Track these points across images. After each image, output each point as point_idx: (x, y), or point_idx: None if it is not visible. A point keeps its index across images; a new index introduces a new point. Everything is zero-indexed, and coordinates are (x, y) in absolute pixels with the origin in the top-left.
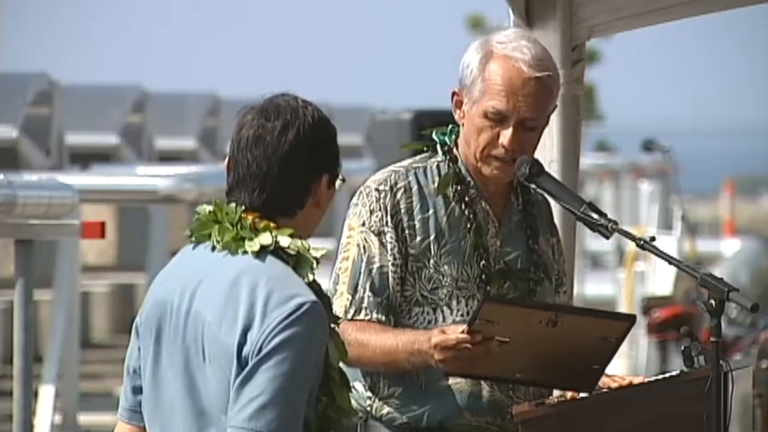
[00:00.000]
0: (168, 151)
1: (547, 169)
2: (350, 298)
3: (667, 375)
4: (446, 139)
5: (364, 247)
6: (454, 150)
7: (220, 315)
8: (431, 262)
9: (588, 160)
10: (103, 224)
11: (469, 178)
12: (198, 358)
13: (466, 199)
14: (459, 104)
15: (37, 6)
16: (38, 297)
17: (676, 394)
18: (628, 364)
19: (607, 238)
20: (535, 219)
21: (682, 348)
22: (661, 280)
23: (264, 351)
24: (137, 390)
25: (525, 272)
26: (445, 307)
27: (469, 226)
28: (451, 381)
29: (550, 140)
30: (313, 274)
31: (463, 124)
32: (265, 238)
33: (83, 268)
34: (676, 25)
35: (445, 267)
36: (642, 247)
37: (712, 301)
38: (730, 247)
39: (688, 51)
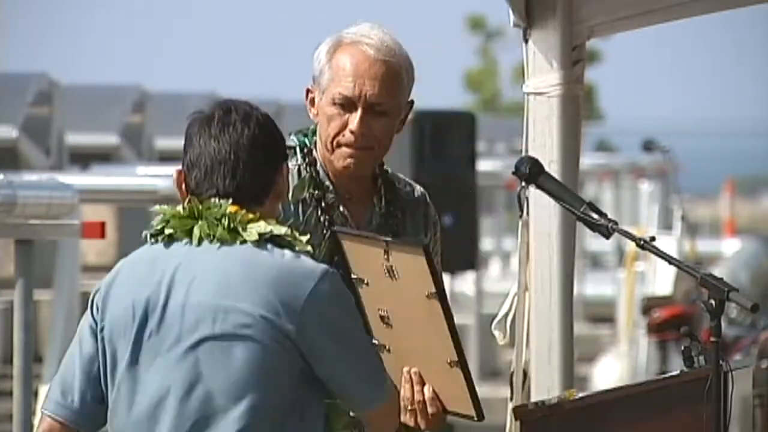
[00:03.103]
0: (168, 151)
1: (547, 169)
2: None
3: (667, 375)
4: (306, 140)
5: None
6: (314, 152)
7: (244, 305)
8: None
9: (588, 160)
10: (103, 224)
11: (327, 182)
12: (208, 347)
13: (323, 204)
14: (312, 101)
15: (37, 6)
16: (38, 297)
17: (676, 394)
18: (628, 364)
19: (607, 238)
20: (402, 221)
21: (682, 348)
22: (661, 280)
23: (321, 327)
24: (96, 398)
25: None
26: None
27: (324, 233)
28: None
29: (550, 140)
30: None
31: (317, 122)
32: (261, 226)
33: (83, 268)
34: (676, 25)
35: None
36: (642, 247)
37: (712, 301)
38: (730, 247)
39: (688, 51)
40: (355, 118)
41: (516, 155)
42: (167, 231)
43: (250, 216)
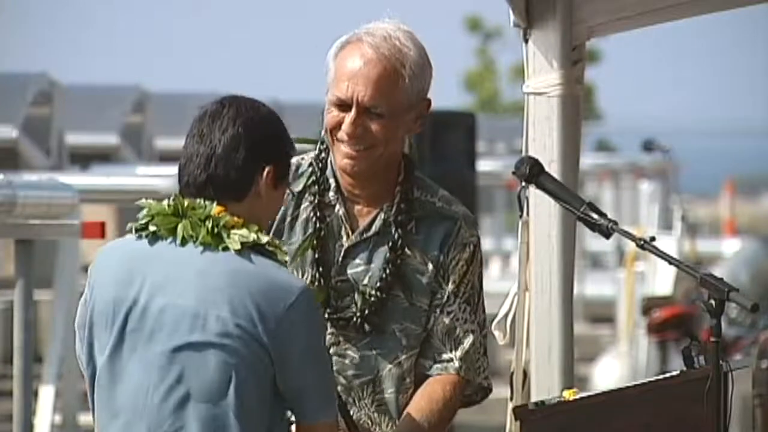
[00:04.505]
0: (168, 151)
1: (547, 169)
2: None
3: (667, 375)
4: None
5: None
6: (331, 149)
7: (220, 312)
8: None
9: (588, 160)
10: (103, 224)
11: (332, 180)
12: (189, 349)
13: (317, 200)
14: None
15: (37, 6)
16: (38, 297)
17: (676, 394)
18: (628, 364)
19: (607, 238)
20: (418, 234)
21: (682, 348)
22: (661, 280)
23: (293, 346)
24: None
25: (370, 287)
26: None
27: (311, 230)
28: None
29: (550, 140)
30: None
31: None
32: (244, 234)
33: (83, 268)
34: (676, 25)
35: None
36: (642, 247)
37: (712, 301)
38: (730, 247)
39: (688, 51)
40: (348, 118)
41: (516, 155)
42: (151, 228)
43: (235, 220)
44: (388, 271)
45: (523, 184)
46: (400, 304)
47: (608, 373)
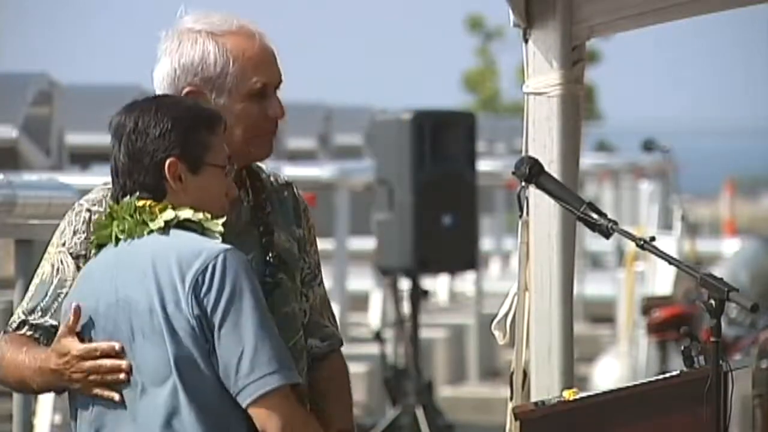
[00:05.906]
0: None
1: (547, 169)
2: (24, 316)
3: (667, 375)
4: None
5: (57, 269)
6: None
7: (149, 292)
8: None
9: (588, 160)
10: None
11: None
12: (133, 340)
13: None
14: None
15: (37, 6)
16: None
17: (676, 394)
18: (628, 364)
19: (607, 238)
20: (274, 213)
21: (682, 348)
22: (661, 280)
23: (215, 310)
24: None
25: (259, 275)
26: None
27: None
28: None
29: (550, 140)
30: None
31: None
32: (167, 215)
33: None
34: (676, 25)
35: None
36: (642, 247)
37: (712, 301)
38: (730, 247)
39: (687, 51)
40: (274, 103)
41: (516, 155)
42: (95, 241)
43: (159, 206)
44: (270, 256)
45: (523, 184)
46: (286, 286)
47: (608, 373)
